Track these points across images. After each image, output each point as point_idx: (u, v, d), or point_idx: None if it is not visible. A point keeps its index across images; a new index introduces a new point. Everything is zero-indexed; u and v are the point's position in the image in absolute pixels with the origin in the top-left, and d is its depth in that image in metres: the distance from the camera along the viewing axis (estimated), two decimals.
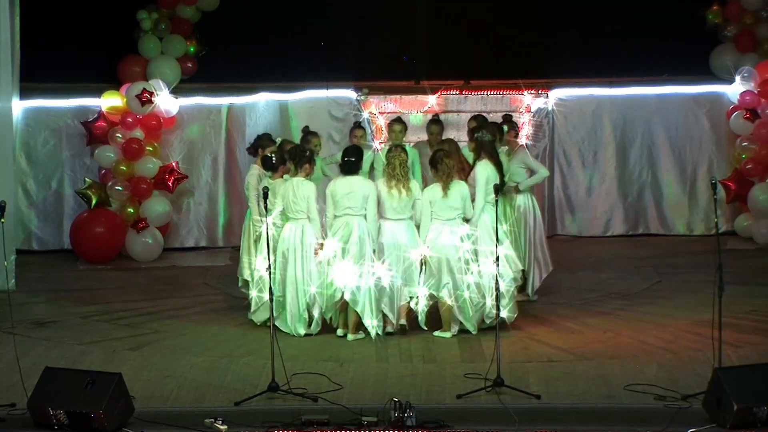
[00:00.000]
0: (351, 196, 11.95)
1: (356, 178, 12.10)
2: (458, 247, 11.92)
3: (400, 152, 12.15)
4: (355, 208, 11.94)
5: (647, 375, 10.71)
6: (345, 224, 11.93)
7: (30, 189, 16.22)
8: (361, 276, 11.85)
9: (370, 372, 11.04)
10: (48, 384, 9.68)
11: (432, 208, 11.96)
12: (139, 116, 15.75)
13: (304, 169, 12.11)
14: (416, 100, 16.50)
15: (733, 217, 16.54)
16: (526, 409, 9.88)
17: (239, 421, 9.64)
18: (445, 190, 11.95)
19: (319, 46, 16.98)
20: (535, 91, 16.70)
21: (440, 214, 11.96)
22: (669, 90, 16.69)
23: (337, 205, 11.97)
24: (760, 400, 9.36)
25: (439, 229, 11.96)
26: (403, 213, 12.02)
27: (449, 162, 12.04)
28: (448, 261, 11.90)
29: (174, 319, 12.92)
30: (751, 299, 13.19)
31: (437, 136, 13.56)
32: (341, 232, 11.92)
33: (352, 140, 13.23)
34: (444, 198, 11.93)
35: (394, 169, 12.00)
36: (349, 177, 12.07)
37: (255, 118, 16.46)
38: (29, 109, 16.00)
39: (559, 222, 16.84)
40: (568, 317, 12.84)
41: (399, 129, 13.33)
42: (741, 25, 16.81)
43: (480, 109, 16.20)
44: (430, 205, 11.96)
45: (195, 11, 16.55)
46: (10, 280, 13.78)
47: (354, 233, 11.90)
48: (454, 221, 11.96)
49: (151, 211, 15.70)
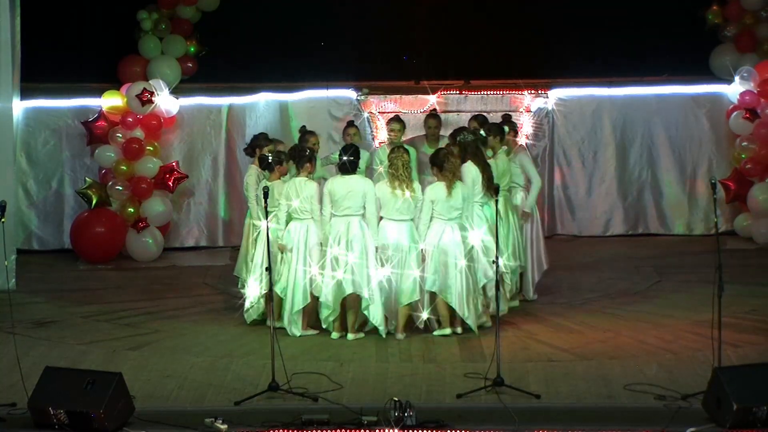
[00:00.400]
0: (350, 195, 11.94)
1: (354, 177, 12.09)
2: (461, 246, 11.91)
3: (402, 153, 12.09)
4: (354, 208, 11.94)
5: (647, 375, 10.71)
6: (345, 224, 11.92)
7: (30, 189, 16.22)
8: (370, 276, 11.86)
9: (370, 372, 11.04)
10: (48, 384, 9.69)
11: (435, 207, 11.94)
12: (139, 116, 15.76)
13: (306, 168, 12.10)
14: (416, 100, 16.51)
15: (732, 217, 16.55)
16: (526, 409, 9.88)
17: (239, 420, 9.65)
18: (449, 190, 11.93)
19: (319, 46, 16.99)
20: (535, 91, 16.70)
21: (443, 214, 11.94)
22: (669, 90, 16.69)
23: (336, 204, 11.96)
24: (760, 400, 9.36)
25: (442, 228, 11.94)
26: (407, 214, 12.00)
27: (455, 161, 12.02)
28: (453, 260, 11.88)
29: (174, 319, 12.92)
30: (751, 299, 13.19)
31: (435, 130, 13.56)
32: (341, 232, 11.91)
33: (346, 139, 13.27)
34: (448, 198, 11.92)
35: (396, 170, 11.98)
36: (347, 176, 12.06)
37: (255, 118, 16.46)
38: (29, 109, 16.00)
39: (559, 222, 16.83)
40: (568, 317, 12.84)
41: (398, 128, 13.35)
42: (741, 25, 16.82)
43: (480, 109, 16.19)
44: (432, 204, 11.94)
45: (195, 11, 16.56)
46: (11, 280, 13.79)
47: (354, 232, 11.89)
48: (456, 221, 11.96)
49: (151, 211, 15.71)
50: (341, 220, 11.95)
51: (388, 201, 11.97)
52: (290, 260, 12.02)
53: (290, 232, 12.05)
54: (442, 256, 11.91)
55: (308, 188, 12.01)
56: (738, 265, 14.22)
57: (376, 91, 16.54)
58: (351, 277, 11.84)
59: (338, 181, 12.05)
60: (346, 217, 11.94)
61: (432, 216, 11.96)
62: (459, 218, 11.97)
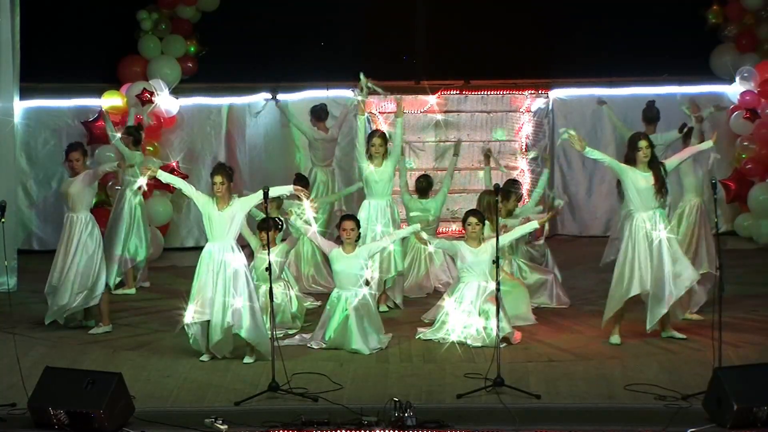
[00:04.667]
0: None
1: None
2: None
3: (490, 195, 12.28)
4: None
5: (647, 375, 10.72)
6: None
7: (30, 189, 16.24)
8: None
9: (370, 372, 11.04)
10: (48, 384, 9.68)
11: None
12: (139, 116, 15.76)
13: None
14: (416, 100, 16.51)
15: (733, 217, 16.55)
16: (526, 409, 9.88)
17: (239, 421, 9.64)
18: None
19: (319, 46, 17.00)
20: (535, 91, 16.72)
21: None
22: (669, 90, 16.70)
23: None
24: (760, 400, 9.36)
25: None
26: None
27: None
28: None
29: (174, 320, 12.90)
30: (751, 299, 13.20)
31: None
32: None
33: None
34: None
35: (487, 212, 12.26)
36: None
37: (255, 118, 16.48)
38: (29, 109, 16.02)
39: (559, 222, 16.84)
40: (568, 317, 12.85)
41: (378, 143, 13.10)
42: (741, 25, 16.84)
43: (480, 109, 16.20)
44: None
45: (195, 11, 16.57)
46: (11, 279, 13.80)
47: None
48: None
49: (152, 211, 15.70)
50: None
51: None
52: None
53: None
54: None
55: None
56: (738, 265, 14.21)
57: (377, 91, 16.53)
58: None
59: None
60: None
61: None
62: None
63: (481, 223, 12.03)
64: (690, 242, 12.60)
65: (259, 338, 11.15)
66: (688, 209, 12.74)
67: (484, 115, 16.75)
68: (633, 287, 11.55)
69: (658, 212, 11.65)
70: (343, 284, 11.77)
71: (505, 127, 16.79)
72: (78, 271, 12.24)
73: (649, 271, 11.53)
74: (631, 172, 11.65)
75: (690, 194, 12.76)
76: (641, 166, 11.68)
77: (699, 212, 12.74)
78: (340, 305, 11.69)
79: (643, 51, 16.82)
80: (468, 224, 12.04)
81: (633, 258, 11.57)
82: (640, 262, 11.54)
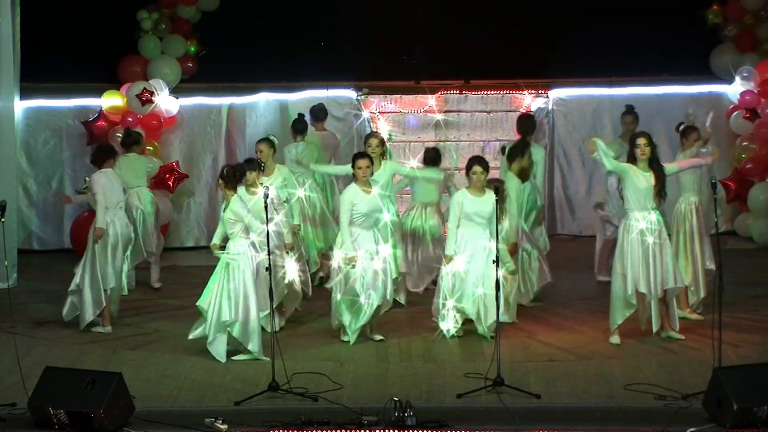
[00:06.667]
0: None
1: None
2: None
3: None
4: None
5: (647, 375, 10.72)
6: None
7: (30, 189, 16.23)
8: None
9: (370, 372, 11.05)
10: (48, 384, 9.69)
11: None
12: (139, 116, 15.77)
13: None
14: (416, 100, 16.52)
15: (733, 217, 16.55)
16: (526, 408, 9.88)
17: (239, 420, 9.65)
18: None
19: (319, 46, 17.01)
20: (535, 91, 16.71)
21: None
22: (669, 90, 16.71)
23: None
24: (760, 400, 9.36)
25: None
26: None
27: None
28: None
29: (174, 319, 12.91)
30: (751, 299, 13.20)
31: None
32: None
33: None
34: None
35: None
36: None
37: (255, 118, 16.48)
38: (30, 109, 16.02)
39: (559, 222, 16.84)
40: (568, 317, 12.85)
41: (375, 144, 13.01)
42: (741, 25, 16.83)
43: (480, 109, 16.20)
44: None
45: (195, 11, 16.57)
46: (11, 279, 13.79)
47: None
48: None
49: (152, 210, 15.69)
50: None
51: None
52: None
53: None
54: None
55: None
56: (738, 265, 14.21)
57: (376, 91, 16.55)
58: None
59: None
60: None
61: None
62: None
63: (485, 171, 11.96)
64: (686, 241, 12.61)
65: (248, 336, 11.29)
66: (684, 207, 12.74)
67: (484, 115, 16.74)
68: (629, 285, 11.57)
69: (654, 213, 11.66)
70: (368, 225, 11.80)
71: (504, 127, 16.80)
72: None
73: (641, 270, 11.55)
74: (632, 171, 11.66)
75: (688, 192, 12.75)
76: (642, 164, 11.69)
77: (696, 211, 12.73)
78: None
79: (643, 51, 16.81)
80: (473, 173, 11.90)
81: (627, 256, 11.59)
82: (632, 261, 11.56)
